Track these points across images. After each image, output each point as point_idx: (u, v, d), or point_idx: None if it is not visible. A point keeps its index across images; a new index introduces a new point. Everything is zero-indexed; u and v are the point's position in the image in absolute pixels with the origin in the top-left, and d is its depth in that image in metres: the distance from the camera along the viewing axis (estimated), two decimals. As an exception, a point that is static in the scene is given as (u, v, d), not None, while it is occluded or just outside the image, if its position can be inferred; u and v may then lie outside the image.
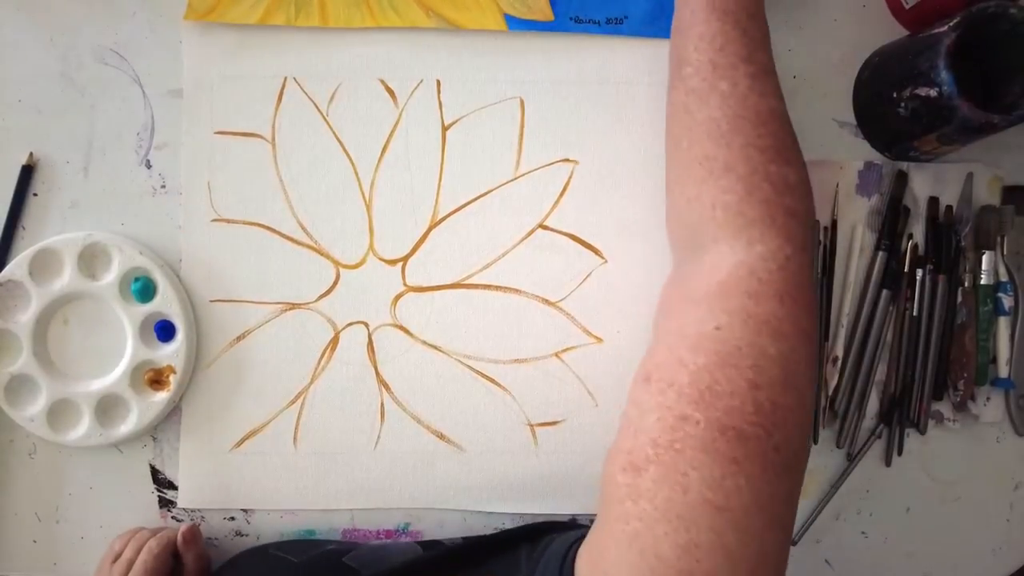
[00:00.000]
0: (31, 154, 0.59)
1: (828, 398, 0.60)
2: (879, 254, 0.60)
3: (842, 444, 0.61)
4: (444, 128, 0.60)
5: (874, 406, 0.61)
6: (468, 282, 0.60)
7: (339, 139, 0.60)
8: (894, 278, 0.60)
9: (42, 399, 0.58)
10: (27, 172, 0.59)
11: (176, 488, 0.60)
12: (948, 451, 0.62)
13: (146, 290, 0.58)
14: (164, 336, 0.58)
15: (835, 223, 0.60)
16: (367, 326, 0.60)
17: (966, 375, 0.60)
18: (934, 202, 0.61)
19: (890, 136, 0.60)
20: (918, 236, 0.61)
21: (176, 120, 0.60)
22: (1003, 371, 0.61)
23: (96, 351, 0.59)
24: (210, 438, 0.60)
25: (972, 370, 0.60)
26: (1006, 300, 0.61)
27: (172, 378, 0.58)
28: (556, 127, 0.60)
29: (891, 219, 0.60)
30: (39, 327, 0.58)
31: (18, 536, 0.60)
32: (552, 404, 0.60)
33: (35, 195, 0.60)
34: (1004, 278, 0.61)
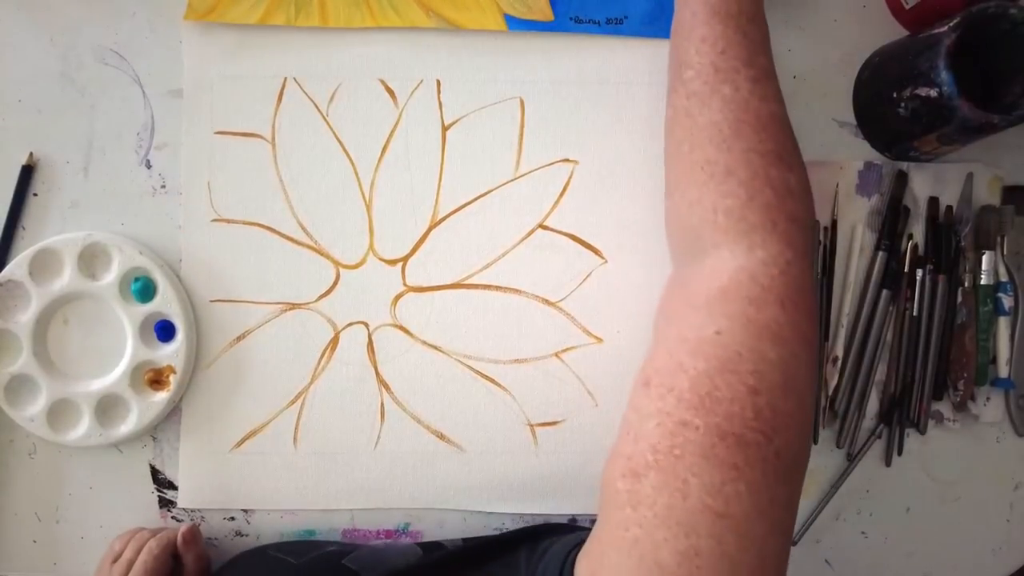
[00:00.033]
0: (31, 154, 0.59)
1: (828, 398, 0.60)
2: (879, 254, 0.60)
3: (842, 444, 0.61)
4: (444, 128, 0.60)
5: (874, 406, 0.61)
6: (468, 282, 0.60)
7: (339, 139, 0.60)
8: (894, 278, 0.60)
9: (42, 399, 0.58)
10: (27, 172, 0.59)
11: (176, 488, 0.60)
12: (948, 451, 0.62)
13: (146, 290, 0.58)
14: (164, 336, 0.58)
15: (835, 223, 0.60)
16: (367, 326, 0.60)
17: (966, 375, 0.60)
18: (934, 202, 0.61)
19: (890, 136, 0.60)
20: (918, 236, 0.61)
21: (176, 120, 0.59)
22: (1003, 371, 0.61)
23: (96, 351, 0.59)
24: (210, 438, 0.60)
25: (972, 370, 0.60)
26: (1006, 300, 0.61)
27: (172, 378, 0.58)
28: (556, 127, 0.60)
29: (891, 219, 0.60)
30: (39, 327, 0.58)
31: (18, 536, 0.60)
32: (552, 404, 0.60)
33: (35, 195, 0.60)
34: (1004, 278, 0.61)
